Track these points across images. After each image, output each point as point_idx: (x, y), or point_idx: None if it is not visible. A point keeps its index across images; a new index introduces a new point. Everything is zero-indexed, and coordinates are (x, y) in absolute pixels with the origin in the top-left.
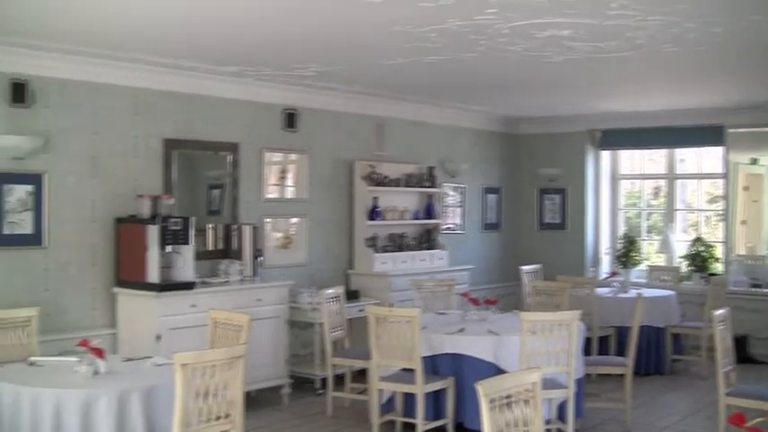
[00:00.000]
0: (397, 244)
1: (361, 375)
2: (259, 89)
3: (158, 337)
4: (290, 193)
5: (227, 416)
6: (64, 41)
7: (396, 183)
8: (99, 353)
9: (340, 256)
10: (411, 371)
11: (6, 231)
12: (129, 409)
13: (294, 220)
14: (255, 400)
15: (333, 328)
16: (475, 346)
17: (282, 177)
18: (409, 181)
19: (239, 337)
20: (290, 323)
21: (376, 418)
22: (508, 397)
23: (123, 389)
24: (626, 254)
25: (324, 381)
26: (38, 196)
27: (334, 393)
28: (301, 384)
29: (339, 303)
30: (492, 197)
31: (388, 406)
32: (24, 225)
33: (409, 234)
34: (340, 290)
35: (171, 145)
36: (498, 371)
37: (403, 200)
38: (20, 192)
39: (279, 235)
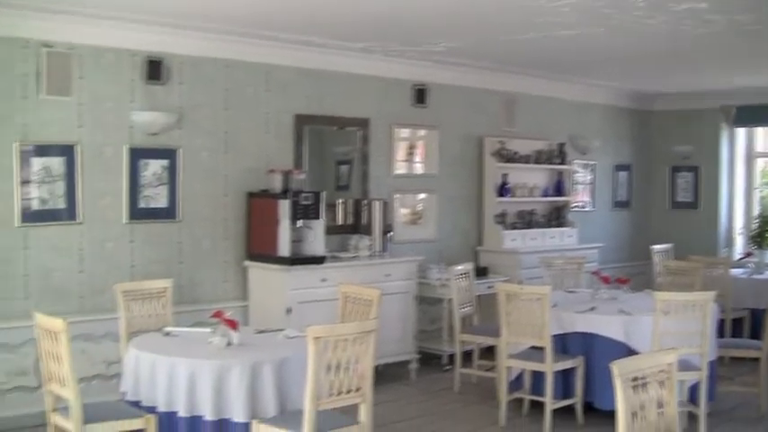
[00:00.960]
0: (527, 221)
1: (488, 352)
2: (389, 65)
3: (288, 310)
4: (418, 168)
5: (357, 389)
6: (198, 20)
7: (525, 159)
8: (232, 324)
9: (469, 233)
10: (540, 349)
11: (142, 205)
12: (261, 380)
13: (422, 195)
14: (383, 375)
15: (462, 305)
16: (606, 325)
17: (411, 153)
18: (539, 157)
19: (369, 312)
20: (419, 299)
21: (504, 396)
22: (643, 378)
23: (256, 360)
24: (761, 234)
25: (451, 357)
26: (172, 171)
27: (462, 370)
28: (429, 360)
29: (468, 280)
30: (622, 174)
31: (516, 384)
32: (159, 199)
33: (539, 211)
34: (469, 266)
35: (302, 120)
36: (629, 351)
37: (533, 176)
38: (155, 166)
39: (407, 210)
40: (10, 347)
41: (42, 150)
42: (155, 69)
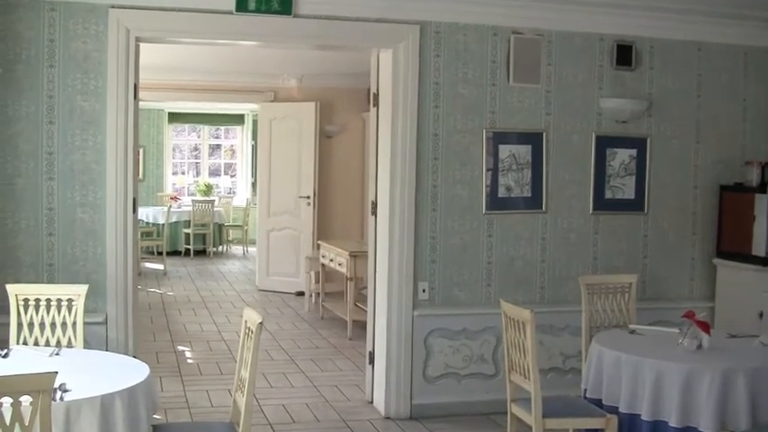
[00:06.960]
0: None
1: None
2: None
3: (761, 315)
4: None
5: None
6: (669, 0)
7: None
8: (705, 327)
9: None
10: None
11: (608, 196)
12: (733, 389)
13: None
14: None
15: None
16: None
17: None
18: None
19: None
20: None
21: None
22: None
23: (728, 367)
24: None
25: None
26: (640, 160)
27: None
28: None
29: None
30: None
31: None
32: (626, 190)
33: None
34: None
35: None
36: None
37: None
38: (623, 156)
39: None
40: (470, 333)
41: (509, 138)
42: (624, 54)
